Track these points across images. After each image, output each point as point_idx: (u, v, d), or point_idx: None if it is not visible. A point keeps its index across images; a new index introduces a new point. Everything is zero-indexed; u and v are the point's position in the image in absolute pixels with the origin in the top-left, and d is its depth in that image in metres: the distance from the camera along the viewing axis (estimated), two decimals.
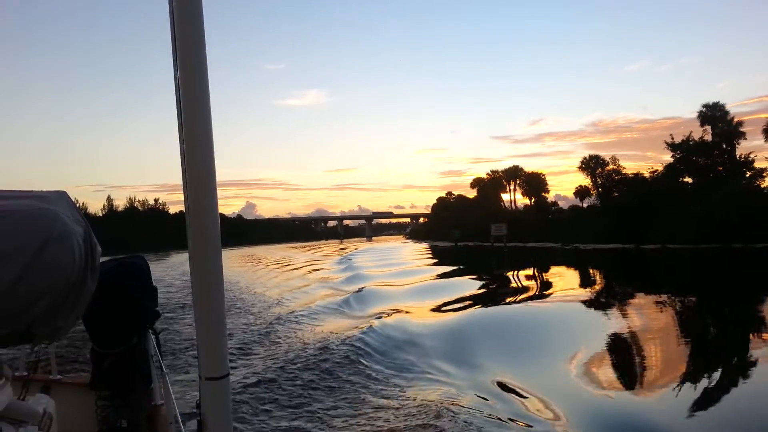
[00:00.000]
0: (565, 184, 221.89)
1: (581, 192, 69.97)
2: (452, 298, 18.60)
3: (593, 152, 70.64)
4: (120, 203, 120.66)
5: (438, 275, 28.78)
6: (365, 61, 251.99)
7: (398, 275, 28.67)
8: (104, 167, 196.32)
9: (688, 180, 56.50)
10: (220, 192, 1.60)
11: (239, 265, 45.48)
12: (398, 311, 15.83)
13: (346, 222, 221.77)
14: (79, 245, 1.80)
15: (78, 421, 3.36)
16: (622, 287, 24.60)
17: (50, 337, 1.99)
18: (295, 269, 37.92)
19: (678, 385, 8.85)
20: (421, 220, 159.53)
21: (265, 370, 9.96)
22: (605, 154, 69.99)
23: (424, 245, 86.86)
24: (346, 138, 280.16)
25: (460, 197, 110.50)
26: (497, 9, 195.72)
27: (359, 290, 20.99)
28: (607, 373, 9.61)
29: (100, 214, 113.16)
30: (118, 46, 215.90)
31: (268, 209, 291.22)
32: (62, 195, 1.99)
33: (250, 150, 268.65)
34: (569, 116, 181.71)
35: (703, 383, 9.02)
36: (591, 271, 33.62)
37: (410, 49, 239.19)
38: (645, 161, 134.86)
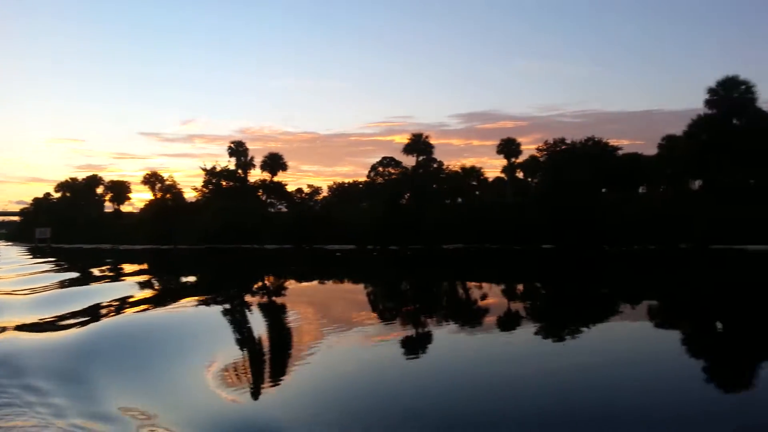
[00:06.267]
0: None
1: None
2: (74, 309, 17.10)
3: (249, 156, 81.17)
4: None
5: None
6: None
7: None
8: None
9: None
10: None
11: None
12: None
13: None
14: None
15: None
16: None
17: None
18: None
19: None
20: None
21: None
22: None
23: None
24: None
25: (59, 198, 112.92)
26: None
27: None
28: (244, 377, 9.61)
29: None
30: None
31: None
32: None
33: None
34: (220, 120, 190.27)
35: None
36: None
37: (40, 30, 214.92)
38: (292, 171, 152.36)
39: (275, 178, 74.03)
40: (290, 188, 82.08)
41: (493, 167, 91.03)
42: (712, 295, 20.39)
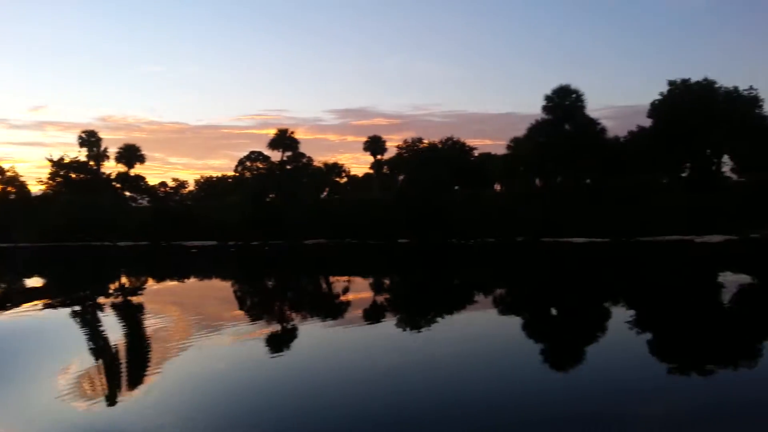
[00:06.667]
0: None
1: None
2: None
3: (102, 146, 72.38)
4: None
5: None
6: None
7: None
8: None
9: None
10: None
11: None
12: None
13: None
14: None
15: None
16: None
17: None
18: None
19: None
20: None
21: None
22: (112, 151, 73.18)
23: None
24: None
25: None
26: None
27: None
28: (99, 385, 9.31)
29: None
30: None
31: None
32: None
33: None
34: (77, 107, 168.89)
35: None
36: None
37: None
38: (152, 161, 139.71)
39: (135, 171, 70.49)
40: (155, 181, 78.60)
41: (366, 163, 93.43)
42: (535, 281, 23.72)
